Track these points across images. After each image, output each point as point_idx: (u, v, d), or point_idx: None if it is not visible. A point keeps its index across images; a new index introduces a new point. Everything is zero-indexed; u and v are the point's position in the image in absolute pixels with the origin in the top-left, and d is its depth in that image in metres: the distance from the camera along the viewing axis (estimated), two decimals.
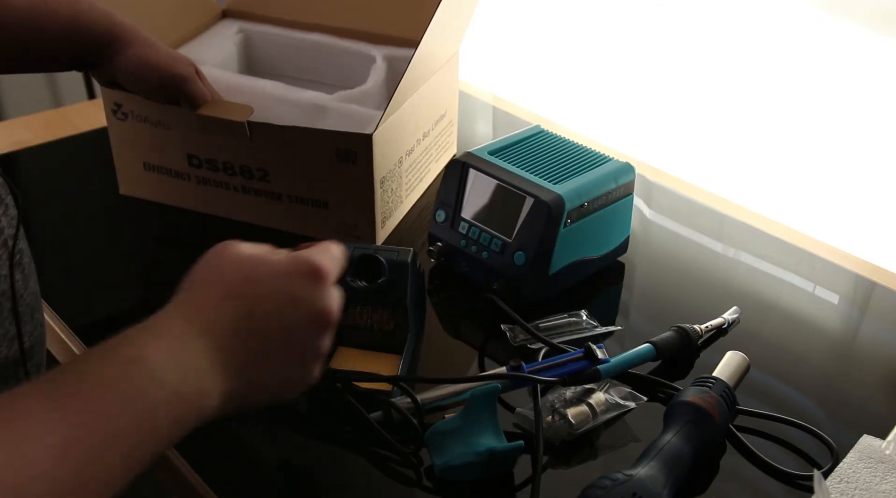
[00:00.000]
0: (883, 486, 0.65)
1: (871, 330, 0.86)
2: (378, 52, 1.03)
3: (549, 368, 0.70)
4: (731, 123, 1.15)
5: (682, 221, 1.03)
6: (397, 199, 0.93)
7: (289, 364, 0.54)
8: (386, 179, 0.88)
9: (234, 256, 0.53)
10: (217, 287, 0.52)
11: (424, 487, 0.65)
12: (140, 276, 0.92)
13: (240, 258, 0.53)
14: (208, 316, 0.50)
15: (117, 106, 0.92)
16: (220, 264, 0.53)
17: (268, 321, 0.52)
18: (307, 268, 0.54)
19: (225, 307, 0.51)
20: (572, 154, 0.87)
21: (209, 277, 0.53)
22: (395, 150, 0.89)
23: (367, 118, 0.89)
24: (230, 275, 0.53)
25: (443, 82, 1.00)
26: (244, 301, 0.52)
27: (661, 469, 0.61)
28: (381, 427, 0.67)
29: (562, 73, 1.34)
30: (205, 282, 0.52)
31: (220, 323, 0.50)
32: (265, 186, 0.90)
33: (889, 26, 0.97)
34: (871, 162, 1.03)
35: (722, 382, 0.69)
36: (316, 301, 0.54)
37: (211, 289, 0.52)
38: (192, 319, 0.50)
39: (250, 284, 0.52)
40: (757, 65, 1.10)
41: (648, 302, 0.88)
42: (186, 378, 0.48)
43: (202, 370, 0.49)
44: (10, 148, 1.10)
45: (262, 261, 0.54)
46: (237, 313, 0.51)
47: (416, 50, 0.80)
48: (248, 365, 0.51)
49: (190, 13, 1.07)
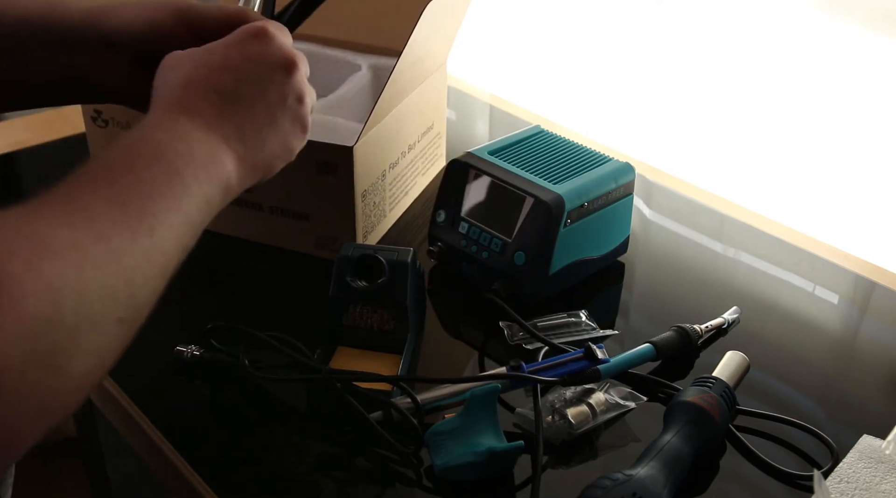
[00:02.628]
0: (883, 486, 0.65)
1: (871, 330, 0.86)
2: (364, 61, 1.03)
3: (549, 368, 0.70)
4: (730, 123, 1.15)
5: (682, 221, 1.03)
6: (380, 213, 0.92)
7: (278, 116, 0.59)
8: (368, 193, 0.87)
9: (184, 53, 0.58)
10: (180, 79, 0.56)
11: (424, 487, 0.65)
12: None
13: (190, 52, 0.58)
14: (184, 104, 0.55)
15: (97, 113, 0.91)
16: (174, 65, 0.58)
17: (237, 86, 0.57)
18: (251, 30, 0.59)
19: (195, 92, 0.55)
20: (572, 154, 0.87)
21: (169, 77, 0.57)
22: (377, 163, 0.88)
23: (351, 130, 0.88)
24: (188, 66, 0.57)
25: (430, 93, 0.99)
26: (209, 80, 0.56)
27: (661, 469, 0.61)
28: (381, 427, 0.67)
29: (561, 73, 1.34)
30: (166, 82, 0.57)
31: (198, 104, 0.55)
32: (246, 196, 0.88)
33: (889, 26, 0.97)
34: (871, 162, 1.03)
35: (722, 382, 0.69)
36: (269, 52, 0.59)
37: (175, 83, 0.56)
38: (172, 109, 0.54)
39: (207, 66, 0.57)
40: (757, 65, 1.10)
41: (648, 302, 0.88)
42: (194, 147, 0.52)
43: (203, 140, 0.53)
44: (10, 148, 1.10)
45: (209, 46, 0.59)
46: (208, 91, 0.56)
47: (398, 60, 0.80)
48: (241, 128, 0.56)
49: None
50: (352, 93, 0.98)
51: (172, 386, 0.74)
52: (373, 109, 0.82)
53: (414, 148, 0.98)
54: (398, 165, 0.94)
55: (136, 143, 0.50)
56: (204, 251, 0.55)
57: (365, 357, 0.74)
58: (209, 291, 0.87)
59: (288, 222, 0.89)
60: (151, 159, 0.49)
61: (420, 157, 1.01)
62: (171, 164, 0.50)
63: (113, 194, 0.46)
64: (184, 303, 0.83)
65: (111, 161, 0.49)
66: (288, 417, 0.72)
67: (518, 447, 0.64)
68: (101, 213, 0.44)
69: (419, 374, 0.76)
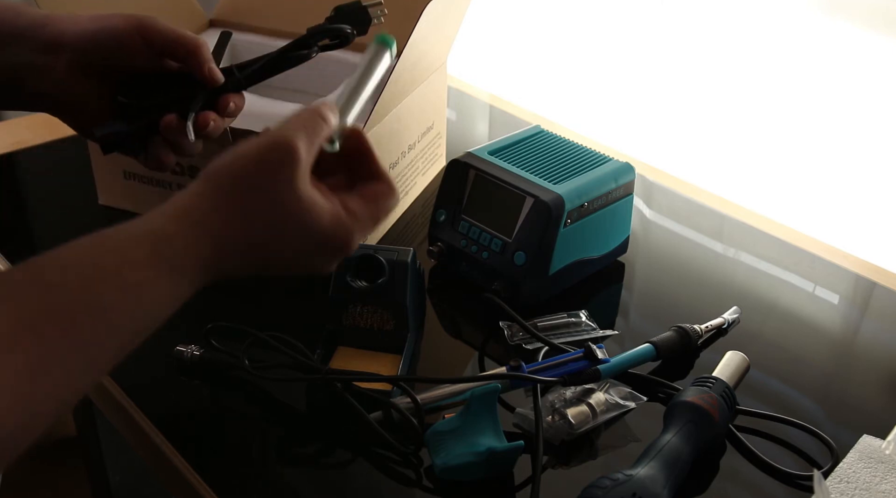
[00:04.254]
0: (883, 486, 0.64)
1: (871, 330, 0.86)
2: None
3: (549, 367, 0.70)
4: (730, 123, 1.15)
5: (682, 221, 1.03)
6: None
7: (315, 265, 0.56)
8: None
9: (282, 198, 0.52)
10: (239, 233, 0.51)
11: (424, 487, 0.65)
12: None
13: (282, 203, 0.52)
14: (221, 263, 0.51)
15: None
16: (257, 204, 0.51)
17: (279, 264, 0.54)
18: (342, 240, 0.54)
19: (242, 256, 0.52)
20: (572, 154, 0.87)
21: (237, 211, 0.51)
22: None
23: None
24: (259, 223, 0.52)
25: (430, 93, 0.99)
26: (263, 254, 0.53)
27: (661, 469, 0.61)
28: (381, 427, 0.67)
29: (561, 73, 1.34)
30: (227, 219, 0.51)
31: (226, 265, 0.52)
32: None
33: (889, 26, 0.97)
34: (871, 162, 1.03)
35: (722, 382, 0.69)
36: (344, 252, 0.55)
37: (233, 229, 0.51)
38: (209, 266, 0.50)
39: (275, 242, 0.52)
40: (756, 65, 1.10)
41: (648, 302, 0.88)
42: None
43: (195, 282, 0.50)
44: (10, 148, 1.10)
45: (302, 219, 0.52)
46: (249, 257, 0.52)
47: (398, 60, 0.79)
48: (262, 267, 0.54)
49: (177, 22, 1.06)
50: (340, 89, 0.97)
51: (172, 386, 0.74)
52: (372, 109, 0.82)
53: (414, 148, 0.98)
54: (398, 165, 0.94)
55: (135, 290, 0.47)
56: None
57: (365, 357, 0.74)
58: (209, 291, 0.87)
59: None
60: (127, 322, 0.47)
61: (420, 157, 1.01)
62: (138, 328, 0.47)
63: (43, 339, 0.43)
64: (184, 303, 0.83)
65: (81, 297, 0.45)
66: (288, 417, 0.72)
67: (518, 447, 0.64)
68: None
69: (419, 374, 0.76)
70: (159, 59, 0.68)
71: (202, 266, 0.50)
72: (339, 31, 0.71)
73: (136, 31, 0.66)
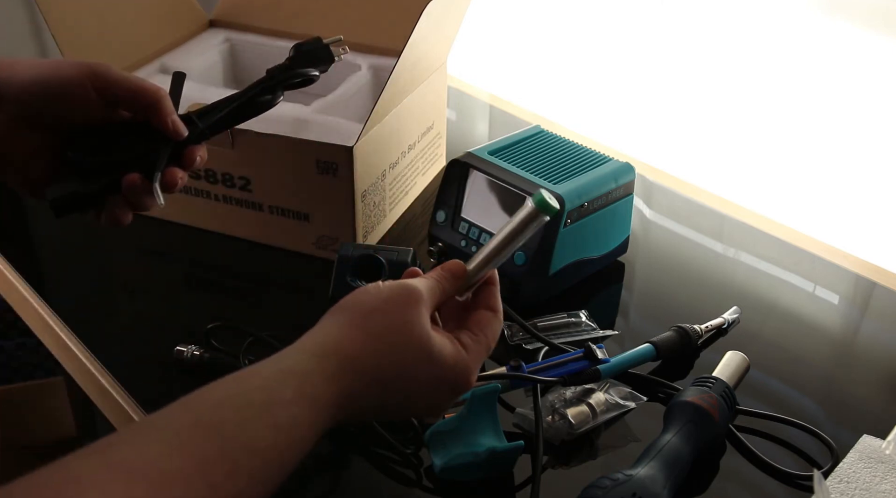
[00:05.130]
0: (883, 486, 0.65)
1: (871, 330, 0.86)
2: (364, 61, 1.02)
3: (549, 367, 0.70)
4: (730, 123, 1.15)
5: (682, 221, 1.03)
6: (380, 213, 0.92)
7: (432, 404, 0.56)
8: (368, 193, 0.87)
9: (410, 343, 0.53)
10: (371, 376, 0.52)
11: (424, 487, 0.65)
12: (122, 285, 0.90)
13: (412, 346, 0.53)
14: (352, 390, 0.51)
15: None
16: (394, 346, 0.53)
17: (402, 400, 0.54)
18: (462, 377, 0.55)
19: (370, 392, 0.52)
20: (572, 154, 0.87)
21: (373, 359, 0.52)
22: (377, 163, 0.88)
23: (351, 130, 0.88)
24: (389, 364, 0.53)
25: (430, 93, 0.99)
26: (392, 383, 0.53)
27: (661, 469, 0.61)
28: (381, 427, 0.67)
29: (561, 73, 1.34)
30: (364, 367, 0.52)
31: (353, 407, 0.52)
32: (247, 196, 0.89)
33: (889, 26, 0.97)
34: (871, 162, 1.03)
35: (722, 382, 0.69)
36: (460, 387, 0.55)
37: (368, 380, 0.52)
38: (343, 394, 0.51)
39: (404, 372, 0.53)
40: (756, 65, 1.10)
41: (648, 302, 0.88)
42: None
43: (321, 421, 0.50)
44: None
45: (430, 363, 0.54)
46: (377, 387, 0.52)
47: (398, 60, 0.80)
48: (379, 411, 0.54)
49: (177, 22, 1.06)
50: (351, 93, 0.98)
51: (172, 386, 0.74)
52: (373, 109, 0.82)
53: (414, 148, 0.98)
54: (398, 165, 0.94)
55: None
56: (204, 251, 0.55)
57: None
58: (209, 291, 0.87)
59: (288, 222, 0.89)
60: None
61: (420, 157, 1.01)
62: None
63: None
64: (184, 303, 0.83)
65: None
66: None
67: (518, 447, 0.64)
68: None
69: None
70: (112, 110, 0.62)
71: (339, 395, 0.51)
72: (303, 75, 0.67)
73: (88, 80, 0.60)
